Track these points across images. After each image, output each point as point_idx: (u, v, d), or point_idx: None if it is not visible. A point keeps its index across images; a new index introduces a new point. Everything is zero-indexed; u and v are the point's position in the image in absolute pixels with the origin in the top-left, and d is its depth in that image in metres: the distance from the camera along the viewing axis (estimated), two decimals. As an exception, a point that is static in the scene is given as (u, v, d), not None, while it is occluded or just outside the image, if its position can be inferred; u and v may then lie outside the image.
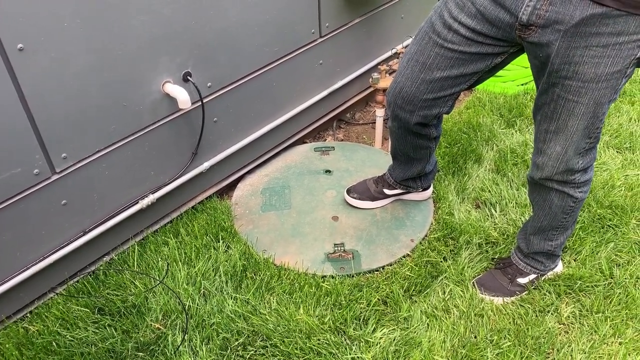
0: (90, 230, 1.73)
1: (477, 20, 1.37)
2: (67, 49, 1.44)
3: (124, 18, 1.52)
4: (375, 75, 2.28)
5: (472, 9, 1.37)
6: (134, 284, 1.76)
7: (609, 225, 1.95)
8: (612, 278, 1.77)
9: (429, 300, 1.73)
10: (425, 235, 1.95)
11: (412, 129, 1.70)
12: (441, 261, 1.84)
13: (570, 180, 1.49)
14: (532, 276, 1.74)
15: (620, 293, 1.72)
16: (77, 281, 1.78)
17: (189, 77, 1.77)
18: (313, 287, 1.75)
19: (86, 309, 1.68)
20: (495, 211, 2.03)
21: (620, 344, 1.59)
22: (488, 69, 1.50)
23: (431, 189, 2.08)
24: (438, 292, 1.75)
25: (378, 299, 1.72)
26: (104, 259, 1.84)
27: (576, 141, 1.39)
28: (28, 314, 1.70)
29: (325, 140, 2.52)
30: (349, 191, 2.07)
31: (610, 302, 1.70)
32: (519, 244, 1.74)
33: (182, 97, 1.70)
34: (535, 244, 1.69)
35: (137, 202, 1.82)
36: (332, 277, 1.80)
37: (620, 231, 1.93)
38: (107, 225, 1.77)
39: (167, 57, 1.69)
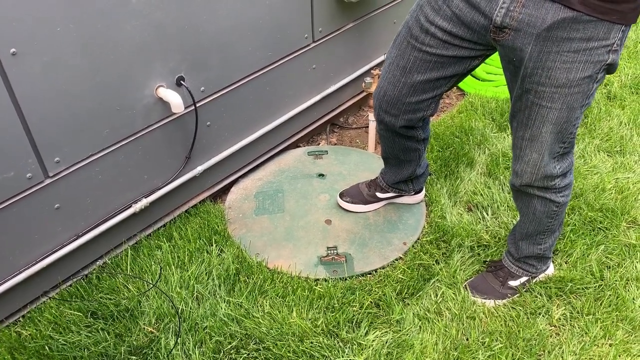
0: (83, 234, 1.74)
1: (452, 23, 1.39)
2: (59, 53, 1.44)
3: (117, 22, 1.53)
4: (367, 79, 2.30)
5: (448, 11, 1.38)
6: (127, 287, 1.76)
7: (599, 228, 1.97)
8: (602, 280, 1.79)
9: (422, 303, 1.74)
10: (418, 238, 1.97)
11: (398, 132, 1.72)
12: (433, 264, 1.86)
13: (550, 186, 1.51)
14: (524, 279, 1.76)
15: (610, 295, 1.73)
16: (70, 285, 1.78)
17: (182, 82, 1.78)
18: (306, 291, 1.76)
19: (79, 313, 1.68)
20: (487, 214, 2.04)
21: (610, 345, 1.61)
22: (466, 71, 1.53)
23: (423, 192, 2.10)
24: (430, 295, 1.76)
25: (371, 302, 1.73)
26: (97, 262, 1.84)
27: (550, 146, 1.41)
28: (21, 318, 1.70)
29: (318, 144, 2.53)
30: (341, 195, 2.08)
31: (601, 304, 1.71)
32: (509, 249, 1.76)
33: (175, 101, 1.71)
34: (524, 248, 1.70)
35: (130, 206, 1.83)
36: (325, 280, 1.81)
37: (611, 234, 1.95)
38: (100, 229, 1.77)
39: (160, 62, 1.70)
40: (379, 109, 1.66)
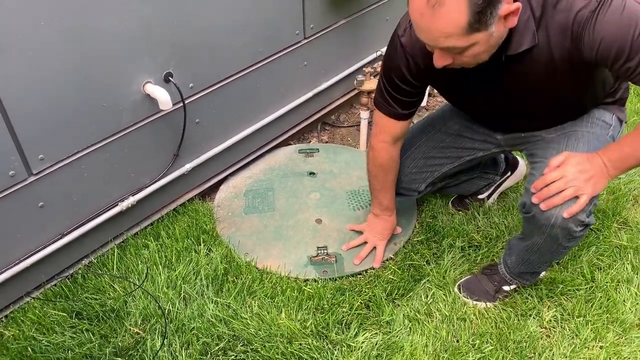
0: (68, 233, 1.70)
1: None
2: (44, 48, 1.41)
3: (104, 17, 1.49)
4: (359, 77, 2.28)
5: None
6: (113, 287, 1.73)
7: (590, 229, 1.96)
8: (593, 282, 1.78)
9: (412, 304, 1.72)
10: (409, 239, 1.95)
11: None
12: (424, 264, 1.84)
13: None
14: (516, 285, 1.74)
15: (601, 297, 1.72)
16: (55, 285, 1.74)
17: (170, 78, 1.75)
18: (295, 291, 1.73)
19: (63, 314, 1.65)
20: (479, 214, 2.03)
21: (601, 347, 1.60)
22: None
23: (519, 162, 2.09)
24: (421, 296, 1.75)
25: (361, 303, 1.71)
26: (83, 262, 1.81)
27: None
28: (3, 319, 1.66)
29: (309, 142, 2.50)
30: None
31: (592, 306, 1.70)
32: (506, 259, 1.70)
33: (163, 97, 1.67)
34: (523, 269, 1.67)
35: (117, 205, 1.79)
36: (315, 280, 1.79)
37: (602, 235, 1.94)
38: (86, 227, 1.73)
39: (148, 57, 1.66)
40: None
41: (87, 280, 1.75)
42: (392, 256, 1.88)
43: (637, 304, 1.71)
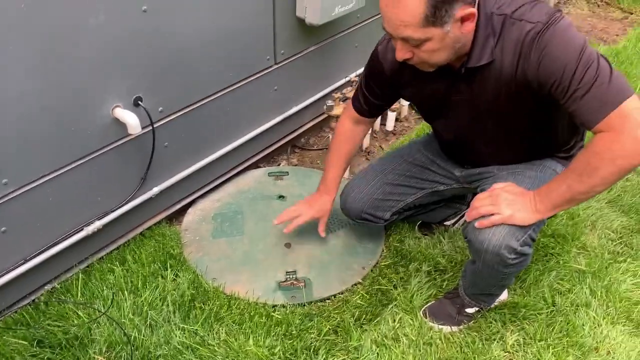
0: (31, 259, 1.66)
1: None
2: (10, 71, 1.39)
3: (73, 41, 1.48)
4: (329, 102, 2.31)
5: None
6: (77, 314, 1.69)
7: (551, 254, 2.02)
8: (554, 306, 1.83)
9: (379, 328, 1.74)
10: (377, 263, 1.97)
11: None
12: (391, 289, 1.86)
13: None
14: (478, 307, 1.78)
15: (561, 321, 1.78)
16: (16, 312, 1.69)
17: (139, 102, 1.74)
18: (263, 317, 1.73)
19: (24, 342, 1.60)
20: (444, 239, 2.07)
21: (561, 371, 1.64)
22: None
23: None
24: (388, 321, 1.77)
25: (329, 329, 1.72)
26: (46, 287, 1.77)
27: None
28: (-40, 348, 1.61)
29: (279, 164, 2.52)
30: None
31: (552, 330, 1.75)
32: (462, 282, 1.75)
33: (132, 122, 1.66)
34: (474, 291, 1.71)
35: (83, 229, 1.76)
36: (284, 306, 1.79)
37: (562, 259, 2.00)
38: (50, 252, 1.70)
39: (118, 82, 1.66)
40: None
41: (50, 306, 1.71)
42: (360, 280, 1.90)
43: (595, 327, 1.77)
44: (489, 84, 1.40)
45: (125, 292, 1.76)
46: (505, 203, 1.40)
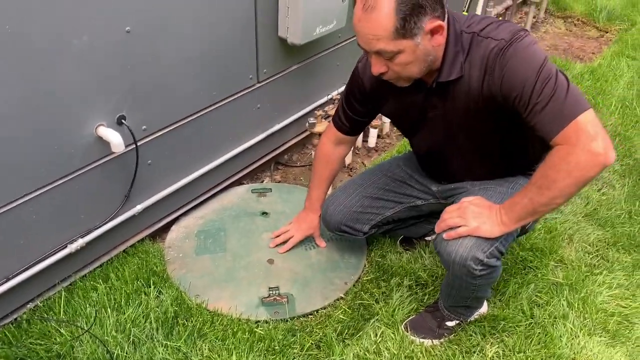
0: (14, 277, 1.66)
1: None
2: (-6, 92, 1.41)
3: (57, 62, 1.51)
4: (311, 120, 2.35)
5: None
6: (60, 332, 1.69)
7: (529, 267, 2.06)
8: (532, 318, 1.87)
9: (361, 343, 1.76)
10: (359, 278, 2.00)
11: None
12: (373, 303, 1.89)
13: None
14: (458, 321, 1.81)
15: (539, 333, 1.81)
16: (-3, 330, 1.69)
17: (123, 121, 1.76)
18: (246, 333, 1.74)
19: (5, 361, 1.60)
20: (425, 253, 2.10)
21: (540, 382, 1.67)
22: None
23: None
24: (370, 335, 1.79)
25: (312, 344, 1.74)
26: (28, 306, 1.76)
27: None
28: (-60, 368, 1.60)
29: (262, 181, 2.54)
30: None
31: (531, 342, 1.78)
32: (442, 295, 1.78)
33: (116, 141, 1.68)
34: (451, 303, 1.75)
35: (66, 247, 1.77)
36: (266, 322, 1.80)
37: (540, 272, 2.05)
38: (33, 270, 1.70)
39: (101, 101, 1.68)
40: None
41: (32, 324, 1.71)
42: (342, 295, 1.92)
43: (573, 339, 1.81)
44: (459, 100, 1.46)
45: (108, 309, 1.76)
46: (472, 215, 1.45)
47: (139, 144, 1.83)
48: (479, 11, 3.23)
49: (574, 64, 3.75)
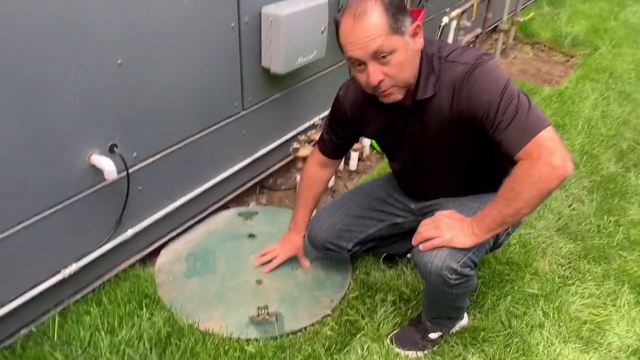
0: (8, 303, 1.70)
1: None
2: (-6, 123, 1.47)
3: (53, 95, 1.58)
4: (295, 145, 2.45)
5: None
6: (54, 355, 1.73)
7: (506, 280, 2.17)
8: (510, 328, 1.96)
9: (349, 357, 1.83)
10: (345, 295, 2.07)
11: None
12: (359, 319, 1.96)
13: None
14: (441, 332, 1.89)
15: (517, 342, 1.90)
16: (-8, 356, 1.72)
17: (115, 149, 1.84)
18: (237, 351, 1.80)
19: (1, 386, 1.63)
20: (407, 270, 2.19)
21: (519, 388, 1.76)
22: None
23: None
24: (357, 349, 1.86)
25: (301, 359, 1.80)
26: (22, 331, 1.80)
27: None
28: None
29: (248, 205, 2.62)
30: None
31: (510, 351, 1.87)
32: (423, 309, 1.87)
33: (109, 168, 1.75)
34: (431, 314, 1.84)
35: (60, 272, 1.82)
36: (257, 340, 1.86)
37: (517, 285, 2.15)
38: (27, 296, 1.74)
39: (94, 130, 1.75)
40: None
41: (27, 350, 1.74)
42: (329, 312, 2.00)
43: (549, 346, 1.90)
44: (433, 119, 1.58)
45: (102, 332, 1.81)
46: (446, 228, 1.56)
47: (130, 170, 1.90)
48: (450, 39, 3.40)
49: (543, 87, 3.94)
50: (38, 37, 1.49)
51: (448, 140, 1.63)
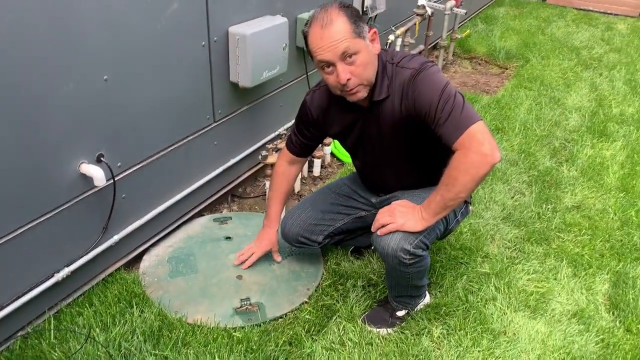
0: (4, 307, 1.80)
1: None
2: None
3: (43, 107, 1.72)
4: (264, 152, 2.64)
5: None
6: (53, 354, 1.83)
7: (461, 262, 2.42)
8: (467, 302, 2.20)
9: (327, 337, 2.02)
10: (319, 284, 2.27)
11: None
12: (334, 303, 2.16)
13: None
14: (407, 310, 2.12)
15: (475, 313, 2.15)
16: (-8, 358, 1.81)
17: (102, 158, 1.98)
18: (226, 338, 1.96)
19: (4, 383, 1.72)
20: (373, 259, 2.41)
21: (479, 351, 1.99)
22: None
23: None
24: (334, 330, 2.05)
25: (284, 341, 1.98)
26: (19, 334, 1.89)
27: None
28: (-60, 396, 1.69)
29: (221, 212, 2.78)
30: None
31: (468, 321, 2.11)
32: (388, 291, 2.10)
33: (99, 175, 1.90)
34: (394, 293, 2.06)
35: (53, 276, 1.93)
36: (242, 327, 2.03)
37: (471, 266, 2.41)
38: (23, 300, 1.84)
39: (83, 141, 1.90)
40: None
41: (26, 350, 1.84)
42: (306, 300, 2.18)
43: (502, 315, 2.16)
44: (387, 118, 1.82)
45: (97, 329, 1.93)
46: (399, 215, 1.79)
47: (116, 179, 2.05)
48: (397, 54, 3.71)
49: (482, 96, 4.30)
50: (32, 54, 1.64)
51: (400, 138, 1.87)
